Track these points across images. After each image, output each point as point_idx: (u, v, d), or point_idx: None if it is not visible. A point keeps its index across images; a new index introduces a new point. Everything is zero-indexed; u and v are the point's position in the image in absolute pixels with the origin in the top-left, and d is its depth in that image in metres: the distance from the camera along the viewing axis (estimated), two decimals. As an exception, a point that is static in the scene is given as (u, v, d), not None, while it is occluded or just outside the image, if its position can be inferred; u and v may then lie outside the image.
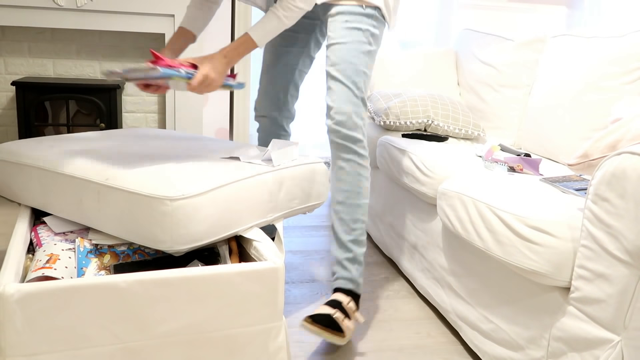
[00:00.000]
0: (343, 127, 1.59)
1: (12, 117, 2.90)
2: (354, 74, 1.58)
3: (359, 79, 1.59)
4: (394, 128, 2.36)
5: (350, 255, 1.64)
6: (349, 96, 1.58)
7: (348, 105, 1.58)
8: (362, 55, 1.60)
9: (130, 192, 1.30)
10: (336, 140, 1.61)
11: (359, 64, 1.59)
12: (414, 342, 1.67)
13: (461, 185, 1.57)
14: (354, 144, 1.61)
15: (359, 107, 1.59)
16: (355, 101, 1.59)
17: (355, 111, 1.59)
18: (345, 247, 1.64)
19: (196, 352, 1.20)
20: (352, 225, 1.65)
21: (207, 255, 1.52)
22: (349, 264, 1.64)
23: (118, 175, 1.36)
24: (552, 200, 1.37)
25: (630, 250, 1.04)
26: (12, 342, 1.05)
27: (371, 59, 1.63)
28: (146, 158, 1.50)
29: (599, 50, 1.93)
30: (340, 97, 1.58)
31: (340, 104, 1.58)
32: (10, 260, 1.19)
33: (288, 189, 1.61)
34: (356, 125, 1.59)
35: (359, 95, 1.59)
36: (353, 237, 1.65)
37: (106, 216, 1.36)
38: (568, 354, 1.19)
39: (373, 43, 1.63)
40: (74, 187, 1.42)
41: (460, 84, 2.75)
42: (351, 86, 1.58)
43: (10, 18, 2.64)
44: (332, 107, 1.60)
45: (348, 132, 1.59)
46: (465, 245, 1.61)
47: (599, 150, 1.24)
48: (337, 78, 1.59)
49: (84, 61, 2.91)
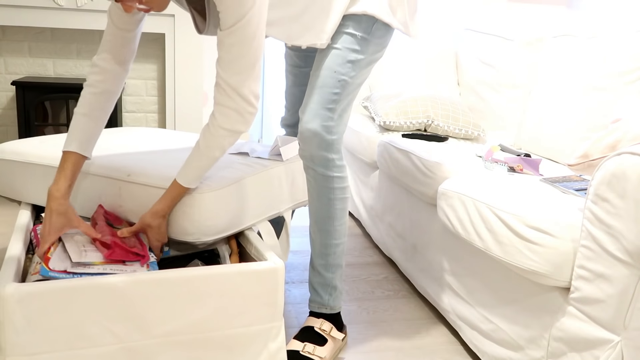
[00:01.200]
0: (308, 145, 1.42)
1: (12, 117, 2.90)
2: (333, 84, 1.41)
3: (338, 89, 1.41)
4: (394, 128, 2.36)
5: (320, 280, 1.55)
6: (319, 109, 1.40)
7: (316, 120, 1.40)
8: (348, 64, 1.42)
9: (156, 187, 1.35)
10: (302, 161, 1.47)
11: (342, 73, 1.41)
12: (414, 342, 1.67)
13: (461, 185, 1.57)
14: (323, 166, 1.44)
15: (330, 121, 1.41)
16: (325, 114, 1.40)
17: (324, 126, 1.40)
18: (317, 271, 1.55)
19: (196, 352, 1.20)
20: (323, 250, 1.52)
21: (207, 256, 1.52)
22: (320, 289, 1.56)
23: (138, 171, 1.40)
24: (552, 200, 1.37)
25: (630, 250, 1.04)
26: (12, 342, 1.05)
27: (361, 68, 1.45)
28: (159, 154, 1.55)
29: (599, 50, 1.93)
30: (311, 109, 1.41)
31: (309, 117, 1.41)
32: (10, 260, 1.19)
33: (296, 181, 1.68)
34: (325, 143, 1.41)
35: (333, 108, 1.41)
36: (324, 262, 1.53)
37: (129, 211, 1.40)
38: (568, 354, 1.19)
39: (368, 52, 1.45)
40: (93, 184, 1.44)
41: (460, 84, 2.75)
42: (325, 96, 1.41)
43: (10, 18, 2.64)
44: (301, 120, 1.43)
45: (313, 153, 1.42)
46: (465, 245, 1.61)
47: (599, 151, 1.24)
48: (313, 84, 1.43)
49: (84, 61, 2.91)
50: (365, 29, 1.43)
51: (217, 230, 1.37)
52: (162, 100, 3.04)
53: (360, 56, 1.44)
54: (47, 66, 2.88)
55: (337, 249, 1.54)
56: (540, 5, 3.48)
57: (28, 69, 2.87)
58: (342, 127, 1.46)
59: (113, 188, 1.41)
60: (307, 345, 1.49)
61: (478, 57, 2.62)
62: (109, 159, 1.48)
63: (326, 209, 1.49)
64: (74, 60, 2.91)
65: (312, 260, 1.57)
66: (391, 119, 2.33)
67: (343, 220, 1.53)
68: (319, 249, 1.54)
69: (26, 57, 2.85)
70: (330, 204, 1.49)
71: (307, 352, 1.47)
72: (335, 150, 1.45)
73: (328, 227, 1.51)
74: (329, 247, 1.53)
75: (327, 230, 1.51)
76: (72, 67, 2.91)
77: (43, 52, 2.86)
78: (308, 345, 1.49)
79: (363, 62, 1.45)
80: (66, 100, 2.73)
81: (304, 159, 1.47)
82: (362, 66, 1.46)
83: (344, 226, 1.54)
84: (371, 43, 1.45)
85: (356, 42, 1.43)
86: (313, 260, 1.56)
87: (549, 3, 3.48)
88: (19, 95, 2.64)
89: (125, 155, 1.54)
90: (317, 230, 1.53)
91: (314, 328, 1.53)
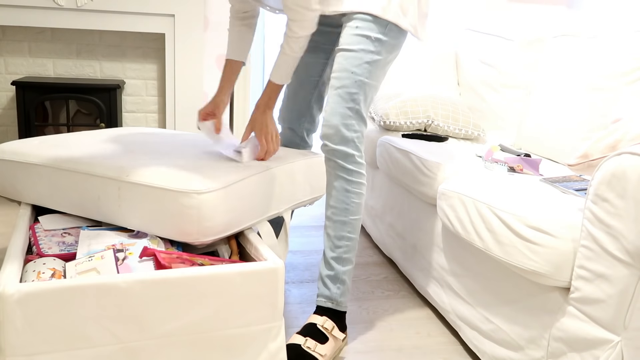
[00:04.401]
0: (330, 140, 1.52)
1: (12, 117, 2.90)
2: (351, 85, 1.50)
3: (356, 89, 1.51)
4: (394, 128, 2.36)
5: (331, 272, 1.59)
6: (339, 107, 1.50)
7: (336, 117, 1.51)
8: (365, 65, 1.51)
9: (155, 187, 1.34)
10: (324, 154, 1.56)
11: (359, 74, 1.50)
12: (414, 342, 1.67)
13: (461, 185, 1.57)
14: (343, 159, 1.53)
15: (350, 119, 1.51)
16: (345, 113, 1.50)
17: (344, 123, 1.50)
18: (328, 264, 1.59)
19: (196, 352, 1.20)
20: (336, 242, 1.58)
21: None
22: (329, 282, 1.59)
23: (137, 171, 1.39)
24: (552, 200, 1.37)
25: (630, 251, 1.04)
26: (12, 342, 1.05)
27: (377, 69, 1.53)
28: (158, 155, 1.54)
29: (599, 50, 1.93)
30: (332, 108, 1.52)
31: (330, 115, 1.52)
32: (10, 260, 1.19)
33: (296, 181, 1.66)
34: (345, 139, 1.51)
35: (352, 107, 1.51)
36: (336, 255, 1.58)
37: (128, 212, 1.39)
38: (568, 354, 1.19)
39: (383, 52, 1.53)
40: (91, 184, 1.44)
41: (460, 84, 2.75)
42: (345, 96, 1.50)
43: (10, 18, 2.64)
44: (323, 118, 1.55)
45: (335, 147, 1.52)
46: (465, 245, 1.61)
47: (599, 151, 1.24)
48: (333, 86, 1.53)
49: (84, 61, 2.91)
50: (379, 30, 1.51)
51: (216, 230, 1.36)
52: (162, 100, 3.04)
53: (377, 57, 1.52)
54: (47, 66, 2.88)
55: (349, 242, 1.59)
56: (540, 5, 3.48)
57: (28, 69, 2.87)
58: (363, 125, 1.55)
59: (112, 188, 1.41)
60: (309, 340, 1.50)
61: (478, 57, 2.62)
62: (108, 159, 1.48)
63: (343, 200, 1.56)
64: (74, 60, 2.91)
65: (324, 254, 1.61)
66: (391, 119, 2.33)
67: (358, 216, 1.59)
68: (332, 241, 1.59)
69: (26, 57, 2.85)
70: (347, 196, 1.56)
71: (308, 348, 1.48)
72: (355, 147, 1.53)
73: (343, 218, 1.57)
74: (341, 239, 1.58)
75: (342, 222, 1.57)
76: (72, 67, 2.91)
77: (43, 52, 2.86)
78: (310, 341, 1.50)
79: (380, 62, 1.54)
80: (66, 100, 2.73)
81: (326, 153, 1.55)
82: (379, 67, 1.55)
83: (358, 222, 1.59)
84: (386, 43, 1.53)
85: (371, 43, 1.51)
86: (325, 253, 1.61)
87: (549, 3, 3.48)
88: (19, 95, 2.64)
89: (124, 155, 1.54)
90: (332, 222, 1.58)
91: (317, 325, 1.54)
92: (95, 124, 2.82)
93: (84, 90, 2.68)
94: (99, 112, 2.72)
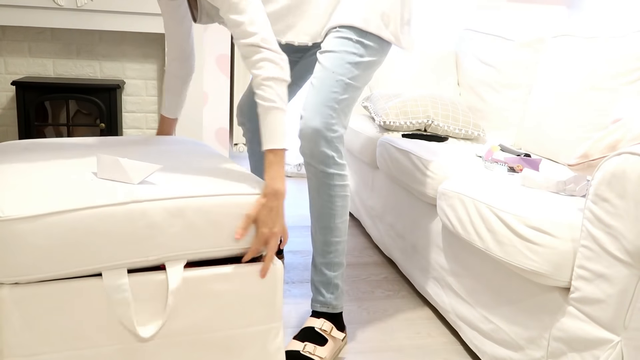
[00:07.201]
0: (309, 142, 1.44)
1: (12, 117, 2.90)
2: (332, 84, 1.45)
3: (337, 89, 1.45)
4: (394, 128, 2.35)
5: (322, 278, 1.56)
6: (319, 108, 1.44)
7: (316, 119, 1.43)
8: (347, 65, 1.46)
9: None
10: (303, 157, 1.48)
11: (340, 74, 1.45)
12: (414, 342, 1.67)
13: (461, 185, 1.57)
14: (323, 163, 1.46)
15: (331, 119, 1.44)
16: (326, 112, 1.44)
17: (324, 123, 1.43)
18: (319, 270, 1.56)
19: (195, 352, 1.20)
20: (325, 249, 1.54)
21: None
22: (322, 288, 1.57)
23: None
24: (552, 200, 1.37)
25: (630, 251, 1.04)
26: (10, 342, 1.05)
27: (359, 70, 1.48)
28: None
29: (599, 50, 1.93)
30: (312, 107, 1.44)
31: (310, 116, 1.44)
32: (10, 260, 1.18)
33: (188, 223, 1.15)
34: (325, 141, 1.44)
35: (332, 106, 1.44)
36: (326, 261, 1.55)
37: None
38: (568, 354, 1.19)
39: (366, 55, 1.48)
40: None
41: (460, 84, 2.75)
42: (326, 96, 1.44)
43: (10, 18, 2.64)
44: (302, 117, 1.46)
45: (315, 149, 1.44)
46: (465, 245, 1.61)
47: (599, 151, 1.24)
48: (314, 86, 1.47)
49: (84, 61, 2.91)
50: (359, 33, 1.48)
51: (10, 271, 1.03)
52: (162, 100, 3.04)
53: (359, 58, 1.48)
54: (47, 66, 2.88)
55: (338, 247, 1.55)
56: (540, 5, 3.48)
57: (28, 69, 2.86)
58: (343, 126, 1.48)
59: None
60: (308, 345, 1.49)
61: (478, 57, 2.62)
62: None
63: (327, 205, 1.51)
64: (74, 60, 2.90)
65: (313, 259, 1.57)
66: (391, 119, 2.33)
67: (344, 218, 1.55)
68: (320, 247, 1.55)
69: (26, 57, 2.85)
70: (330, 201, 1.51)
71: (308, 352, 1.47)
72: (335, 148, 1.47)
73: (329, 224, 1.52)
74: (330, 244, 1.54)
75: (328, 228, 1.53)
76: (72, 67, 2.91)
77: (43, 52, 2.86)
78: (308, 345, 1.49)
79: (362, 64, 1.49)
80: (66, 100, 2.73)
81: (304, 156, 1.48)
82: (361, 68, 1.49)
83: (344, 224, 1.55)
84: (368, 46, 1.49)
85: (353, 45, 1.47)
86: (315, 259, 1.57)
87: (549, 3, 3.48)
88: (19, 95, 2.64)
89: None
90: (318, 228, 1.54)
91: (315, 328, 1.53)
92: (95, 124, 2.82)
93: (83, 90, 2.68)
94: (99, 112, 2.72)
